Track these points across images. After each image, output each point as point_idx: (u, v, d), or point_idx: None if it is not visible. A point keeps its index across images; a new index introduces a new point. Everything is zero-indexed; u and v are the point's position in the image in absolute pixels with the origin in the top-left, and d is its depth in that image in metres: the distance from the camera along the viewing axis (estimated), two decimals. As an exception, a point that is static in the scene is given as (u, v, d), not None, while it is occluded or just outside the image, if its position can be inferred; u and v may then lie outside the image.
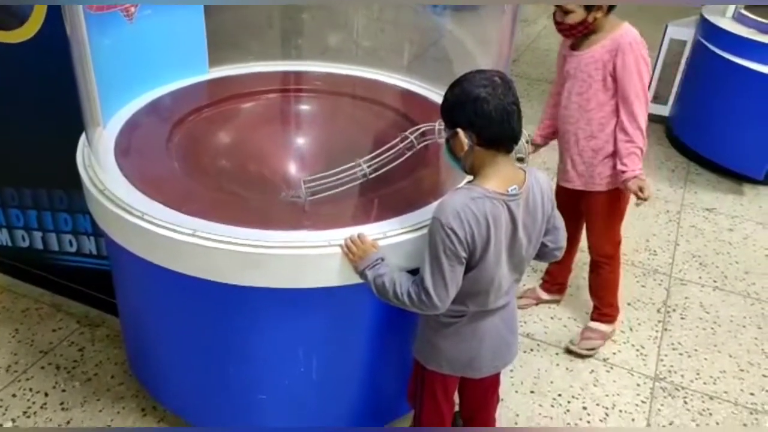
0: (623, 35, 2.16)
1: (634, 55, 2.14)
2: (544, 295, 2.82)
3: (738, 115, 3.75)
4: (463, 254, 1.51)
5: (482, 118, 1.48)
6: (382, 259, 1.64)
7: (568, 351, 2.57)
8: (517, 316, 1.81)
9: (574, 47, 2.26)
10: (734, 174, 3.89)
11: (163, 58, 2.34)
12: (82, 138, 2.08)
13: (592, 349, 2.57)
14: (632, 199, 2.33)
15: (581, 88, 2.25)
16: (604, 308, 2.61)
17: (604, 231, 2.50)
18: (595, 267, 2.57)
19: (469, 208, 1.48)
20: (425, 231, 1.63)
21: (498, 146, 1.52)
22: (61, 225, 2.52)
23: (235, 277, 1.71)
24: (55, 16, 2.09)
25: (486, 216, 1.49)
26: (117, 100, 2.23)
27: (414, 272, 1.64)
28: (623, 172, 2.23)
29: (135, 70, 2.27)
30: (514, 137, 1.52)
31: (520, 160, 1.95)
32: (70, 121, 2.07)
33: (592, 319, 2.64)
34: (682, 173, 3.98)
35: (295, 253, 1.66)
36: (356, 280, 1.69)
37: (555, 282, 2.79)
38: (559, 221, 1.72)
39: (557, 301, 2.82)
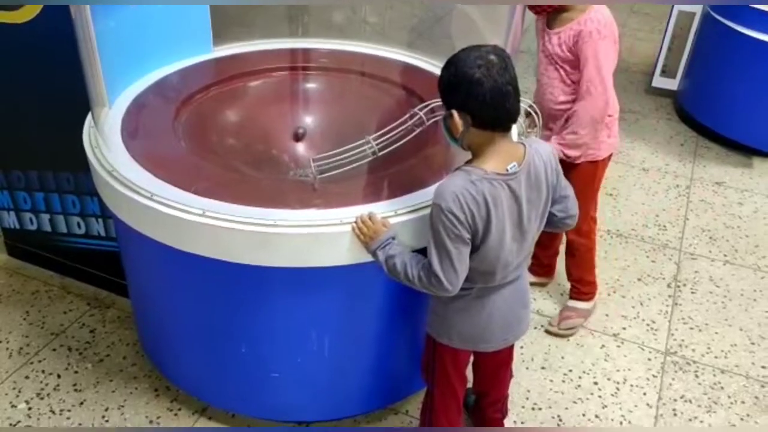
0: (589, 21, 2.06)
1: (593, 44, 2.05)
2: (531, 278, 2.74)
3: (748, 88, 3.71)
4: (467, 235, 1.50)
5: (476, 101, 1.44)
6: (393, 238, 1.63)
7: (548, 332, 2.53)
8: (529, 289, 1.80)
9: (548, 24, 2.18)
10: (743, 147, 3.86)
11: (166, 37, 2.32)
12: (89, 119, 2.06)
13: (572, 328, 2.54)
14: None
15: (547, 68, 2.21)
16: (583, 287, 2.57)
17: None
18: (571, 248, 2.50)
19: (468, 191, 1.47)
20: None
21: (494, 128, 1.49)
22: (68, 207, 2.51)
23: (246, 257, 1.70)
24: (56, -5, 2.07)
25: (485, 197, 1.48)
26: (122, 79, 2.22)
27: (425, 251, 1.63)
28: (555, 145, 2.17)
29: (139, 49, 2.25)
30: (510, 118, 1.49)
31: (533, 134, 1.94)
32: (75, 102, 2.06)
33: (571, 298, 2.59)
34: (691, 147, 3.94)
35: (305, 231, 1.65)
36: (367, 258, 1.68)
37: (542, 265, 2.71)
38: (568, 190, 1.70)
39: (545, 284, 2.77)
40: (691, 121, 4.13)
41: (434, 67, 2.39)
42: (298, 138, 2.26)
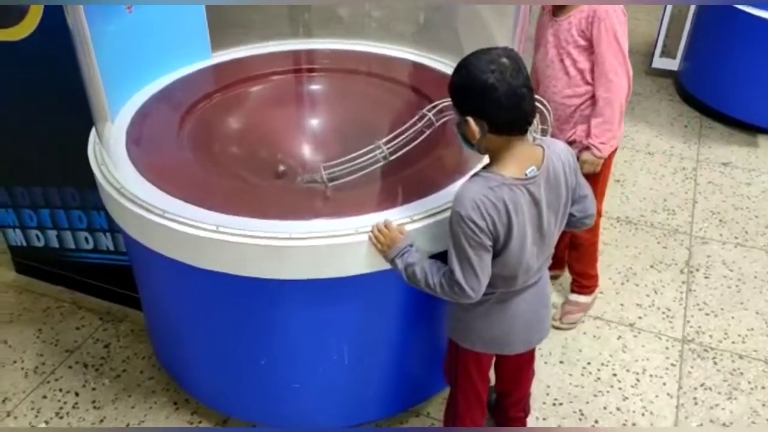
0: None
1: (610, 22, 2.02)
2: None
3: (750, 66, 3.68)
4: (488, 242, 1.48)
5: (492, 106, 1.42)
6: (411, 246, 1.61)
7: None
8: (549, 289, 1.78)
9: (554, 12, 2.15)
10: (748, 126, 3.84)
11: (164, 45, 2.29)
12: (92, 134, 2.04)
13: (574, 323, 2.53)
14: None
15: (552, 61, 2.15)
16: (586, 281, 2.55)
17: None
18: (575, 243, 2.47)
19: (487, 197, 1.44)
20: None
21: (510, 131, 1.47)
22: (75, 222, 2.49)
23: (262, 271, 1.68)
24: (53, 9, 2.03)
25: (505, 203, 1.45)
26: (123, 92, 2.19)
27: (443, 255, 1.61)
28: (589, 147, 2.15)
29: (138, 60, 2.22)
30: (526, 120, 1.47)
31: (544, 132, 1.92)
32: (77, 117, 2.02)
33: (573, 291, 2.57)
34: (695, 128, 3.92)
35: (321, 243, 1.63)
36: (384, 266, 1.66)
37: (554, 258, 2.66)
38: (586, 189, 1.68)
39: (557, 277, 2.73)
40: (694, 101, 4.10)
41: (441, 64, 2.35)
42: (278, 176, 2.13)
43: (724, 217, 3.16)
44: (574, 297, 2.57)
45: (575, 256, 2.52)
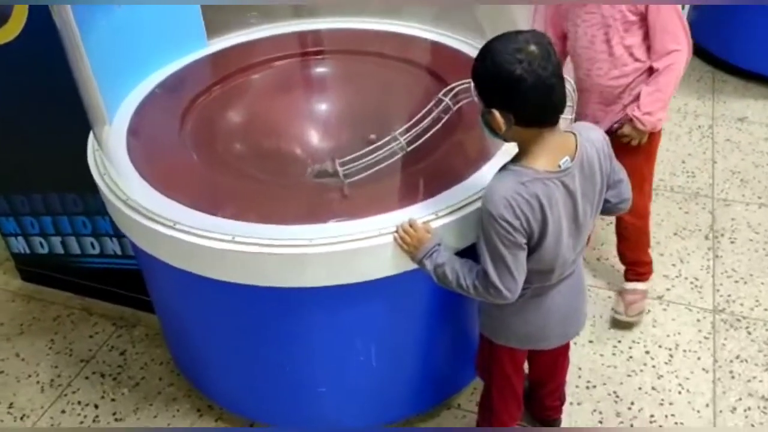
0: None
1: None
2: None
3: (763, 14, 3.53)
4: (523, 240, 1.39)
5: (518, 100, 1.31)
6: (439, 244, 1.52)
7: (618, 324, 2.34)
8: (584, 278, 1.69)
9: None
10: (763, 78, 3.71)
11: (157, 36, 2.16)
12: (91, 139, 1.93)
13: (641, 312, 2.36)
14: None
15: (592, 42, 1.99)
16: (641, 268, 2.38)
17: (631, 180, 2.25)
18: (624, 232, 2.29)
19: (520, 194, 1.35)
20: (478, 204, 1.50)
21: (540, 124, 1.36)
22: (79, 228, 2.39)
23: (282, 280, 1.60)
24: (38, 10, 1.91)
25: (539, 199, 1.36)
26: (118, 91, 2.08)
27: (471, 250, 1.53)
28: (632, 119, 2.00)
29: (131, 54, 2.10)
30: (556, 111, 1.36)
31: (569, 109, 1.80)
32: (72, 120, 1.91)
33: (629, 280, 2.39)
34: (708, 83, 3.79)
35: (343, 248, 1.53)
36: (410, 266, 1.58)
37: None
38: (621, 173, 1.58)
39: None
40: (705, 54, 3.95)
41: (456, 41, 2.20)
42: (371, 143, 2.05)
43: (745, 177, 3.06)
44: (632, 285, 2.37)
45: (627, 246, 2.34)
